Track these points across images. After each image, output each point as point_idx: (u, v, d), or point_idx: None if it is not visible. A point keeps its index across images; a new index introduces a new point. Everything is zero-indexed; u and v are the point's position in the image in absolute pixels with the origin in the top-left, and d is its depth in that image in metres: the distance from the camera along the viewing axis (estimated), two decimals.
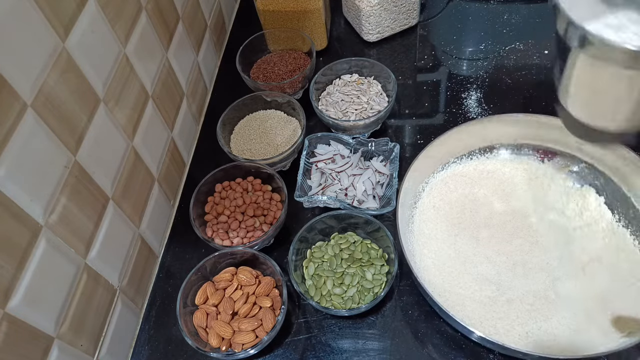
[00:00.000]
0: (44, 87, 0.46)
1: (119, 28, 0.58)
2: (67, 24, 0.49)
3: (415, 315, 0.60)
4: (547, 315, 0.56)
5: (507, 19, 0.91)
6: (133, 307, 0.64)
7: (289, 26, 0.86)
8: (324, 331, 0.60)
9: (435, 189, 0.67)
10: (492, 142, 0.68)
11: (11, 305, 0.43)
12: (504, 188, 0.66)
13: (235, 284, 0.59)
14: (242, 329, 0.55)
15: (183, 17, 0.77)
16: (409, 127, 0.79)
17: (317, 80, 0.77)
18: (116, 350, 0.60)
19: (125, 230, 0.61)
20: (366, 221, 0.62)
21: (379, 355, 0.57)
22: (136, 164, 0.63)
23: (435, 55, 0.88)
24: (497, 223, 0.63)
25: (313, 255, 0.62)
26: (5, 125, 0.42)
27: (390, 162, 0.70)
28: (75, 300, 0.52)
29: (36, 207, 0.46)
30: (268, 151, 0.73)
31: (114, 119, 0.58)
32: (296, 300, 0.63)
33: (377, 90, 0.78)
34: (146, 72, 0.65)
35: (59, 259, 0.49)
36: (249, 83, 0.80)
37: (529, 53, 0.85)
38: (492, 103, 0.79)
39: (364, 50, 0.90)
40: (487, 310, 0.56)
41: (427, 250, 0.62)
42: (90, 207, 0.54)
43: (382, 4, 0.84)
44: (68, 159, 0.50)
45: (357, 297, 0.58)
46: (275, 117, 0.77)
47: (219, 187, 0.69)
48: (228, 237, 0.64)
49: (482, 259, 0.61)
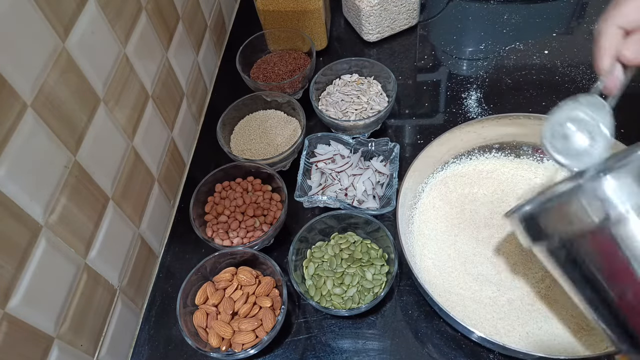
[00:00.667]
0: (44, 87, 0.46)
1: (119, 28, 0.58)
2: (67, 24, 0.49)
3: (415, 315, 0.60)
4: (547, 315, 0.56)
5: (507, 19, 0.91)
6: (133, 307, 0.64)
7: (289, 26, 0.86)
8: (324, 331, 0.60)
9: (435, 189, 0.67)
10: (492, 142, 0.68)
11: (11, 305, 0.43)
12: (504, 188, 0.66)
13: (235, 284, 0.59)
14: (242, 329, 0.55)
15: (183, 17, 0.77)
16: (409, 127, 0.79)
17: (317, 80, 0.77)
18: (116, 350, 0.60)
19: (125, 230, 0.61)
20: (366, 221, 0.62)
21: (379, 355, 0.57)
22: (136, 164, 0.63)
23: (435, 55, 0.88)
24: (497, 223, 0.63)
25: (313, 255, 0.62)
26: (5, 125, 0.42)
27: (390, 162, 0.70)
28: (75, 300, 0.52)
29: (36, 207, 0.46)
30: (268, 151, 0.73)
31: (114, 119, 0.58)
32: (296, 300, 0.63)
33: (377, 90, 0.78)
34: (146, 72, 0.65)
35: (59, 259, 0.49)
36: (249, 83, 0.80)
37: (529, 53, 0.85)
38: (492, 103, 0.79)
39: (364, 50, 0.91)
40: (488, 310, 0.56)
41: (427, 250, 0.62)
42: (90, 207, 0.54)
43: (382, 4, 0.84)
44: (68, 159, 0.50)
45: (357, 297, 0.58)
46: (275, 117, 0.77)
47: (219, 187, 0.69)
48: (228, 237, 0.64)
49: (482, 259, 0.61)
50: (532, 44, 0.86)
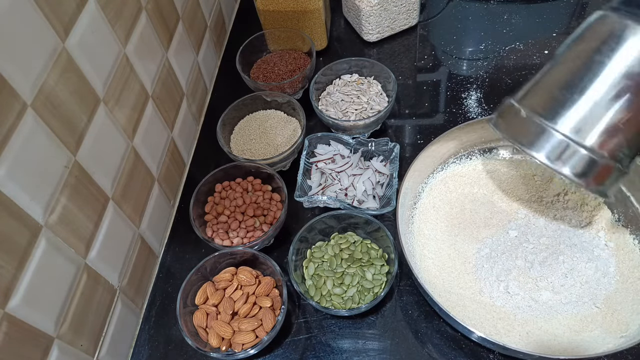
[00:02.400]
0: (44, 87, 0.46)
1: (119, 28, 0.58)
2: (67, 24, 0.49)
3: (415, 315, 0.60)
4: (547, 315, 0.56)
5: (507, 19, 0.91)
6: (133, 307, 0.64)
7: (289, 26, 0.86)
8: (324, 331, 0.60)
9: (435, 189, 0.67)
10: (492, 142, 0.68)
11: (11, 305, 0.43)
12: (504, 188, 0.66)
13: (235, 284, 0.59)
14: (242, 329, 0.55)
15: (183, 17, 0.77)
16: (409, 127, 0.79)
17: (317, 80, 0.77)
18: (116, 350, 0.60)
19: (125, 230, 0.61)
20: (366, 221, 0.62)
21: (379, 355, 0.57)
22: (136, 164, 0.63)
23: (435, 55, 0.88)
24: (497, 223, 0.63)
25: (313, 255, 0.62)
26: (5, 125, 0.42)
27: (390, 162, 0.70)
28: (75, 300, 0.52)
29: (36, 207, 0.46)
30: (268, 151, 0.73)
31: (114, 119, 0.58)
32: (296, 300, 0.63)
33: (377, 90, 0.78)
34: (146, 72, 0.65)
35: (59, 259, 0.49)
36: (249, 83, 0.80)
37: (529, 53, 0.85)
38: (492, 103, 0.79)
39: (364, 50, 0.91)
40: (488, 310, 0.56)
41: (427, 250, 0.62)
42: (90, 207, 0.54)
43: (382, 4, 0.84)
44: (68, 159, 0.50)
45: (357, 297, 0.58)
46: (275, 117, 0.77)
47: (219, 187, 0.69)
48: (228, 237, 0.64)
49: (482, 259, 0.61)
50: (532, 44, 0.86)
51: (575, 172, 0.46)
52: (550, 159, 0.47)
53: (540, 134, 0.47)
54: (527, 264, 0.59)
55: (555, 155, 0.46)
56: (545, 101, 0.48)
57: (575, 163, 0.46)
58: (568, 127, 0.46)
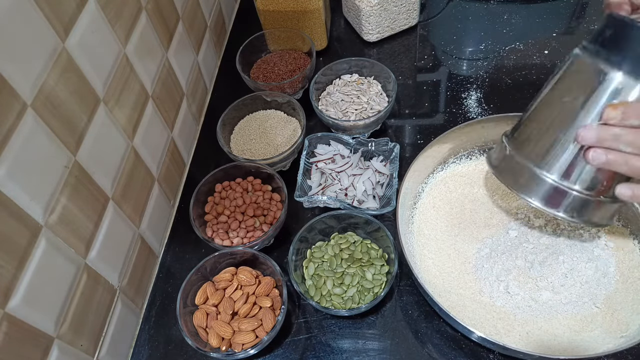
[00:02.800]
0: (44, 87, 0.46)
1: (119, 28, 0.58)
2: (67, 24, 0.49)
3: (415, 315, 0.60)
4: (547, 315, 0.56)
5: (507, 19, 0.91)
6: (133, 307, 0.64)
7: (289, 26, 0.86)
8: (324, 331, 0.60)
9: (435, 189, 0.67)
10: (492, 142, 0.68)
11: (11, 305, 0.43)
12: (504, 188, 0.66)
13: (235, 284, 0.59)
14: (242, 329, 0.55)
15: (183, 17, 0.77)
16: (409, 127, 0.79)
17: (317, 80, 0.77)
18: (116, 350, 0.60)
19: (125, 230, 0.61)
20: (366, 221, 0.62)
21: (379, 355, 0.57)
22: (136, 164, 0.63)
23: (435, 55, 0.88)
24: (497, 223, 0.63)
25: (313, 255, 0.62)
26: (5, 125, 0.42)
27: (390, 162, 0.70)
28: (75, 300, 0.52)
29: (36, 207, 0.46)
30: (268, 151, 0.73)
31: (114, 119, 0.58)
32: (296, 300, 0.63)
33: (377, 90, 0.78)
34: (146, 72, 0.65)
35: (59, 259, 0.49)
36: (249, 83, 0.80)
37: (529, 53, 0.85)
38: (492, 103, 0.79)
39: (364, 50, 0.91)
40: (488, 310, 0.56)
41: (427, 250, 0.62)
42: (90, 207, 0.54)
43: (382, 4, 0.84)
44: (68, 159, 0.50)
45: (357, 297, 0.58)
46: (275, 117, 0.77)
47: (219, 187, 0.69)
48: (228, 237, 0.64)
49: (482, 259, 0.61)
50: (532, 44, 0.86)
51: (571, 214, 0.49)
52: (545, 203, 0.49)
53: (532, 180, 0.50)
54: (527, 264, 0.59)
55: (548, 199, 0.49)
56: (533, 146, 0.50)
57: (569, 205, 0.49)
58: (556, 173, 0.48)
